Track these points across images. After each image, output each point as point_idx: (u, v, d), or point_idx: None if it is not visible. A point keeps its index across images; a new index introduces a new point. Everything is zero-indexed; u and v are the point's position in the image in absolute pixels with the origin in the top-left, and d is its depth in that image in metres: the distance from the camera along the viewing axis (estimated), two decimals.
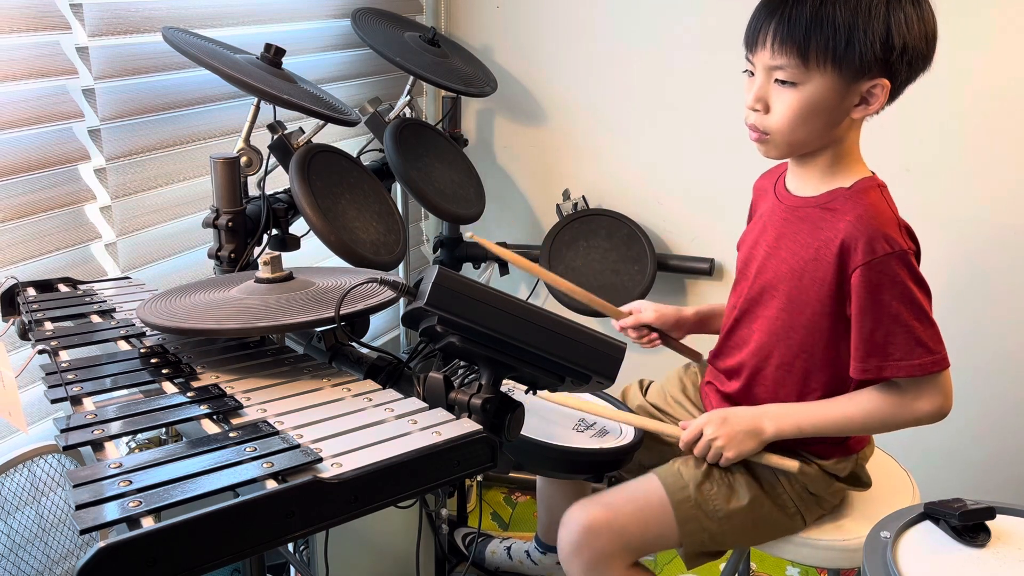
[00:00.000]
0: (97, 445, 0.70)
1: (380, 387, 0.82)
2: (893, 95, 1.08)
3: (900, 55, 1.05)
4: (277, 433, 0.71)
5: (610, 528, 1.18)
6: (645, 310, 1.37)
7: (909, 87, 1.12)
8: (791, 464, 1.17)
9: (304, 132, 1.37)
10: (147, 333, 0.94)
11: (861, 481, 1.25)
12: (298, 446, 0.68)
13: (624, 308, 1.38)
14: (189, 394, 0.79)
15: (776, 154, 1.15)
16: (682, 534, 1.18)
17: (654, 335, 1.37)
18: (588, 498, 1.23)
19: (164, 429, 1.06)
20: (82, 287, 1.14)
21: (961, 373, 1.82)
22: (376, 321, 1.94)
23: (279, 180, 1.38)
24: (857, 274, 1.08)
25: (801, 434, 1.17)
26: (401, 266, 1.88)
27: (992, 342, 1.78)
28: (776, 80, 1.08)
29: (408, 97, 1.69)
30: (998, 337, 1.77)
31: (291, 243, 1.32)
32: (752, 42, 1.10)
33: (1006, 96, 1.67)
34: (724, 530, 1.18)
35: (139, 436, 1.04)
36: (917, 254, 1.11)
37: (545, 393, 1.18)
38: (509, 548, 1.71)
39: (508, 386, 0.86)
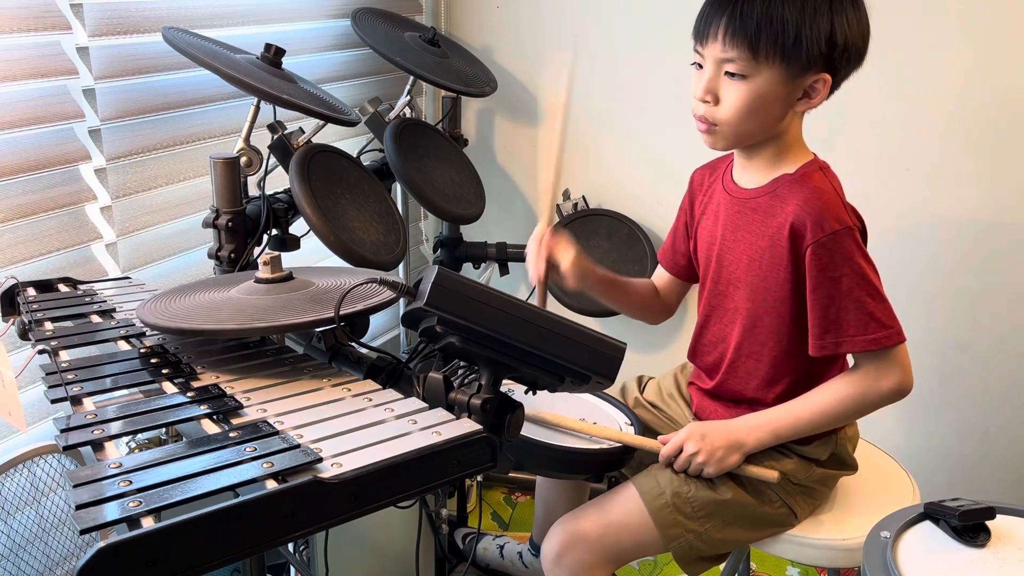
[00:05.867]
0: (97, 445, 0.70)
1: (380, 387, 0.82)
2: (832, 89, 1.13)
3: (842, 52, 1.10)
4: (277, 433, 0.71)
5: (587, 539, 1.20)
6: (565, 255, 1.20)
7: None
8: (770, 474, 1.18)
9: (304, 132, 1.37)
10: (147, 333, 0.94)
11: (845, 464, 1.25)
12: (298, 446, 0.68)
13: (545, 243, 1.19)
14: (189, 394, 0.79)
15: (723, 145, 1.18)
16: (665, 539, 1.18)
17: (542, 273, 1.20)
18: (571, 512, 1.25)
19: (164, 429, 1.06)
20: (82, 287, 1.14)
21: (961, 372, 1.84)
22: (376, 321, 1.94)
23: (279, 180, 1.38)
24: (809, 253, 1.11)
25: (779, 440, 1.18)
26: (401, 266, 1.88)
27: (992, 341, 1.78)
28: (726, 73, 1.11)
29: (408, 97, 1.69)
30: (998, 336, 1.77)
31: (291, 243, 1.32)
32: (702, 35, 1.13)
33: (1007, 96, 1.67)
34: (708, 528, 1.18)
35: (139, 436, 1.04)
36: (863, 232, 1.14)
37: (529, 411, 1.19)
38: (502, 547, 1.71)
39: (508, 386, 0.86)
